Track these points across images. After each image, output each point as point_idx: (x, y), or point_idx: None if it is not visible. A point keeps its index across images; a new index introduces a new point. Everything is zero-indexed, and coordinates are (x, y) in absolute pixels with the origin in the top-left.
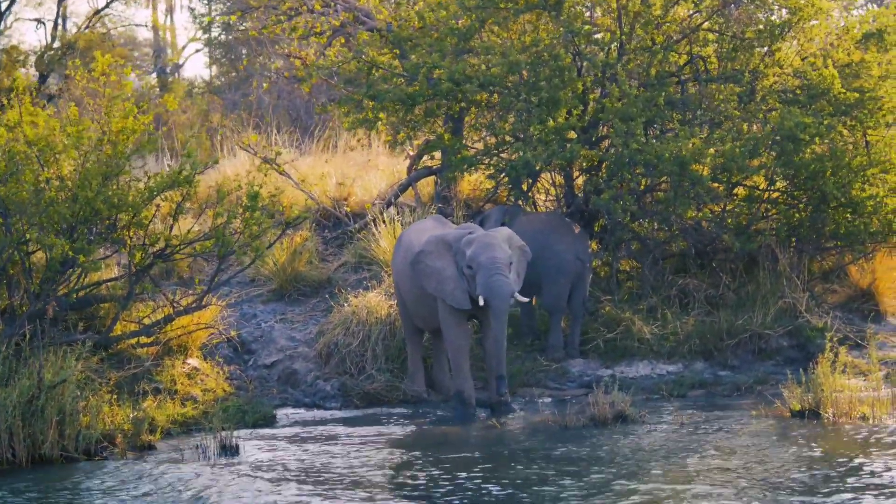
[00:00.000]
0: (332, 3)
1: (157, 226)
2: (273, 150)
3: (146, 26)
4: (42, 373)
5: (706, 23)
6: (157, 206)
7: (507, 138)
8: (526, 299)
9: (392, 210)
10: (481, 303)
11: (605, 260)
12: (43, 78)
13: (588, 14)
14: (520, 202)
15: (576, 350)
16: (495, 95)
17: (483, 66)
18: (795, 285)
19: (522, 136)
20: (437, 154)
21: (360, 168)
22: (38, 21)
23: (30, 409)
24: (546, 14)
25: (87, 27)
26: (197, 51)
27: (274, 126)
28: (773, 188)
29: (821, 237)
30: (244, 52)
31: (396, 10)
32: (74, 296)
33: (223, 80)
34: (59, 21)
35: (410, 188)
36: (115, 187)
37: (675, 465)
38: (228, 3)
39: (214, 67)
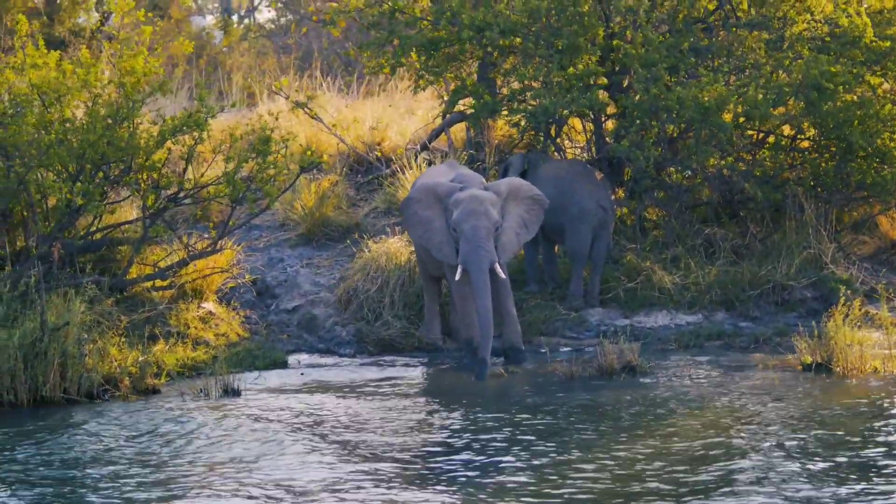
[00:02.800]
0: None
1: (177, 168)
2: (304, 94)
3: None
4: (45, 315)
5: None
6: (169, 149)
7: (534, 84)
8: (504, 275)
9: (424, 155)
10: (458, 274)
11: (631, 208)
12: (104, 19)
13: None
14: (544, 148)
15: (595, 299)
16: (518, 41)
17: (506, 12)
18: (822, 236)
19: (545, 82)
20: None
21: (397, 112)
22: None
23: (33, 351)
24: None
25: None
26: None
27: (318, 70)
28: (801, 137)
29: (847, 187)
30: None
31: None
32: (81, 239)
33: (277, 23)
34: None
35: (444, 133)
36: (123, 131)
37: (668, 418)
38: None
39: (270, 10)
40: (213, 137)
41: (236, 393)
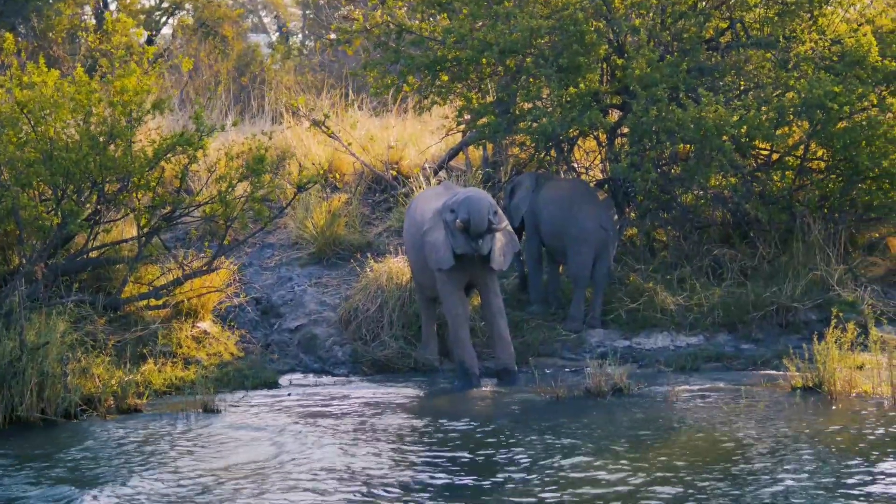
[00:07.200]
0: None
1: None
2: (321, 113)
3: None
4: (24, 334)
5: None
6: (163, 168)
7: (539, 104)
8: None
9: (442, 174)
10: (458, 225)
11: (640, 228)
12: (150, 38)
13: None
14: (555, 167)
15: (597, 320)
16: (528, 60)
17: (507, 31)
18: (829, 258)
19: (550, 101)
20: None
21: (426, 130)
22: None
23: (11, 370)
24: None
25: None
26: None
27: (350, 88)
28: (810, 157)
29: (856, 208)
30: (336, 14)
31: None
32: (77, 258)
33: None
34: None
35: (462, 152)
36: (115, 150)
37: (644, 439)
38: None
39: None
40: (209, 156)
41: (216, 412)
